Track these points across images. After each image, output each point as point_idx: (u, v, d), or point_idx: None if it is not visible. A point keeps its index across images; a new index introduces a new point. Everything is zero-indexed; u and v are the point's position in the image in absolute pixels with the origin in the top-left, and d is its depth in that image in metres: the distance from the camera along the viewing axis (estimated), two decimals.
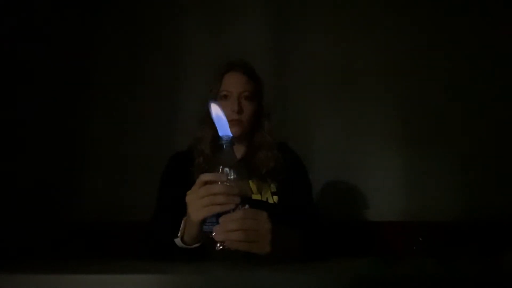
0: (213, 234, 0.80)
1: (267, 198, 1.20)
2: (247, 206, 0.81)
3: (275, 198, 1.21)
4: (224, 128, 0.85)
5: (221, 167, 0.83)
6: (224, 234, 0.79)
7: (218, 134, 1.20)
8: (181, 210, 0.88)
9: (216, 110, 0.86)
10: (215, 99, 1.23)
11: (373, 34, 2.01)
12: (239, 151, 1.28)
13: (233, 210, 0.80)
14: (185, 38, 2.08)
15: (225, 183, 0.80)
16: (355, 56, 2.01)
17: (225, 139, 0.84)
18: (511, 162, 1.86)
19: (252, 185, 1.20)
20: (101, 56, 2.06)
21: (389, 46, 1.99)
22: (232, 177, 0.82)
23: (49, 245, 1.72)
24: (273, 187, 1.22)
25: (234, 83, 1.23)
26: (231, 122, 1.20)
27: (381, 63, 1.99)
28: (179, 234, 0.91)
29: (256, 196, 1.19)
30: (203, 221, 0.84)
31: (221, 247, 0.79)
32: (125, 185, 1.94)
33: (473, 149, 1.89)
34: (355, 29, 2.03)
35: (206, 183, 0.82)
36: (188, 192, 0.85)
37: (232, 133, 1.21)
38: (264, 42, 2.03)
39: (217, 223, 0.80)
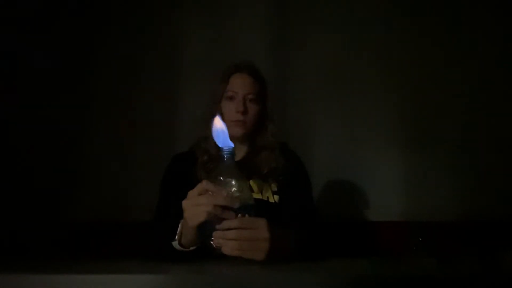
0: (212, 238, 0.81)
1: (267, 197, 1.20)
2: (246, 215, 0.82)
3: (276, 197, 1.21)
4: (224, 140, 0.85)
5: (221, 177, 0.83)
6: (222, 241, 0.81)
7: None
8: (182, 211, 0.89)
9: (216, 124, 0.86)
10: (221, 100, 1.24)
11: (373, 34, 2.01)
12: (241, 151, 1.29)
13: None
14: (185, 37, 2.08)
15: (226, 195, 0.81)
16: (355, 56, 2.00)
17: (226, 150, 0.84)
18: (511, 162, 1.86)
19: (253, 184, 1.21)
20: (101, 55, 2.05)
21: (389, 46, 1.99)
22: (233, 188, 0.82)
23: (49, 245, 1.72)
24: (274, 187, 1.23)
25: (240, 84, 1.24)
26: (235, 122, 1.22)
27: (381, 64, 1.99)
28: (176, 237, 0.92)
29: (257, 195, 1.19)
30: (200, 226, 0.83)
31: (218, 250, 0.81)
32: (125, 185, 1.94)
33: (473, 149, 1.89)
34: (355, 29, 2.03)
35: (206, 191, 0.83)
36: (189, 194, 0.85)
37: (235, 133, 1.23)
38: (264, 42, 2.03)
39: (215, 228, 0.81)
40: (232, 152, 0.85)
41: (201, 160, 1.21)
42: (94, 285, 0.61)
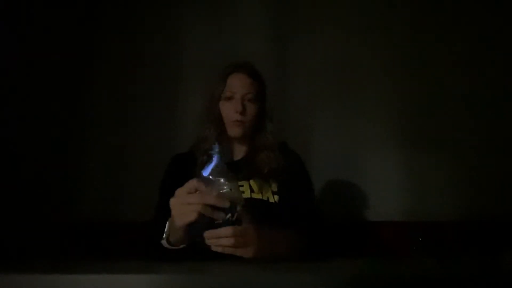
0: (204, 235, 0.82)
1: (268, 198, 1.20)
2: (235, 215, 0.82)
3: (276, 197, 1.21)
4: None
5: (211, 176, 0.82)
6: (214, 239, 0.81)
7: (221, 135, 1.22)
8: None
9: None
10: (219, 100, 1.25)
11: (373, 34, 2.01)
12: (241, 151, 1.29)
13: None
14: (185, 37, 2.08)
15: (216, 194, 0.81)
16: (356, 56, 2.01)
17: (215, 149, 0.85)
18: (511, 162, 1.86)
19: (253, 184, 1.21)
20: (100, 55, 2.06)
21: (389, 46, 1.99)
22: (224, 187, 0.82)
23: (49, 245, 1.72)
24: (274, 187, 1.23)
25: (238, 84, 1.24)
26: (234, 123, 1.22)
27: (381, 63, 1.99)
28: (164, 236, 0.92)
29: (257, 195, 1.19)
30: (189, 225, 0.83)
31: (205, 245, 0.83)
32: (125, 185, 1.94)
33: (473, 149, 1.89)
34: (355, 29, 2.03)
35: (196, 189, 0.82)
36: (177, 192, 0.85)
37: (234, 134, 1.23)
38: (264, 41, 2.03)
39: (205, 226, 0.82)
40: (221, 152, 0.85)
41: (200, 161, 1.21)
42: (94, 285, 0.61)
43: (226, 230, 0.80)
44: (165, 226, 0.94)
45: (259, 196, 1.19)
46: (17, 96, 1.96)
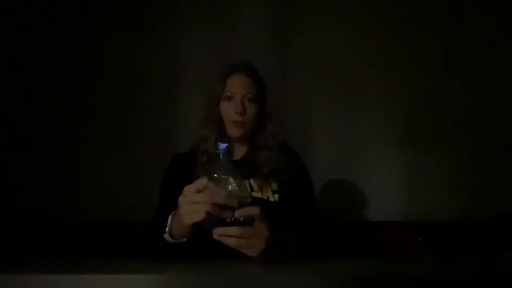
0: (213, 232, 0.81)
1: (268, 197, 1.20)
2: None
3: (276, 196, 1.21)
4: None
5: (215, 175, 0.82)
6: (222, 237, 0.80)
7: (221, 135, 1.22)
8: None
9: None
10: (219, 100, 1.25)
11: (373, 34, 2.01)
12: (241, 151, 1.29)
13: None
14: (185, 38, 2.08)
15: (225, 193, 0.80)
16: (355, 56, 2.00)
17: (221, 148, 0.84)
18: (511, 162, 1.86)
19: (254, 183, 1.21)
20: (100, 55, 2.05)
21: (389, 46, 1.99)
22: (232, 185, 0.81)
23: (49, 245, 1.72)
24: (274, 186, 1.23)
25: (238, 85, 1.24)
26: (234, 123, 1.22)
27: (381, 63, 1.99)
28: (166, 230, 0.93)
29: (257, 194, 1.19)
30: (196, 223, 0.83)
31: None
32: (125, 185, 1.93)
33: (473, 149, 1.89)
34: (355, 29, 2.03)
35: (205, 187, 0.82)
36: (185, 190, 0.85)
37: (234, 134, 1.23)
38: (264, 42, 2.03)
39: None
40: (227, 150, 0.84)
41: (200, 161, 1.21)
42: (94, 285, 0.62)
43: (234, 230, 0.80)
44: (166, 224, 0.94)
45: (259, 195, 1.19)
46: (17, 96, 1.96)
